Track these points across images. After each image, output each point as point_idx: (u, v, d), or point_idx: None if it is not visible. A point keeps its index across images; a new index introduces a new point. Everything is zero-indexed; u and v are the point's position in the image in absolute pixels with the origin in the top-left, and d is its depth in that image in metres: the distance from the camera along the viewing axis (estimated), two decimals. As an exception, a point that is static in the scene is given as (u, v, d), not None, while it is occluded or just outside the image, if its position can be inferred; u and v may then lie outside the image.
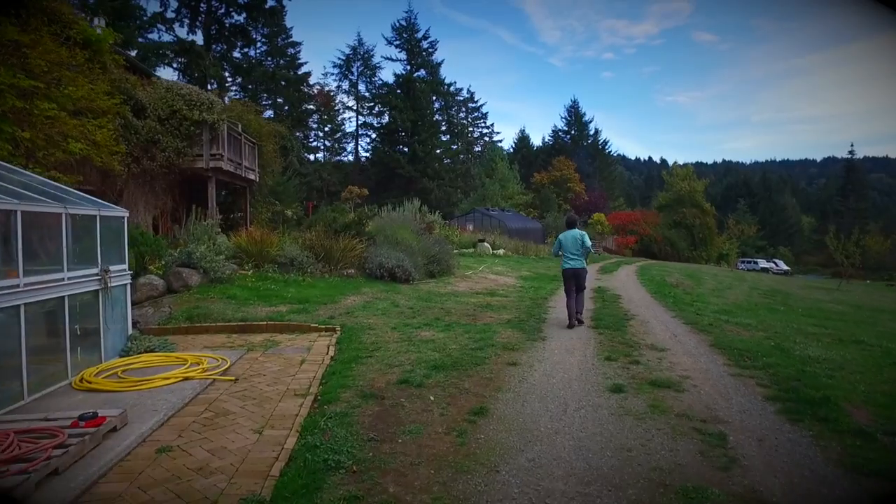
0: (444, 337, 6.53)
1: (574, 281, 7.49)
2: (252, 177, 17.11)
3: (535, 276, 15.34)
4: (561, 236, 7.82)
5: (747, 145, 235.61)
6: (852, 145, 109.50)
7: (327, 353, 5.92)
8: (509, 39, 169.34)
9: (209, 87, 39.58)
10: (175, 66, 38.59)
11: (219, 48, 43.29)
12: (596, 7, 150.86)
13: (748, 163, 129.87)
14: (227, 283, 9.29)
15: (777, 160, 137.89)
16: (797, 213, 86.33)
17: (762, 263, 47.06)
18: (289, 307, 8.18)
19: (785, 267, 48.78)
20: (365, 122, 55.89)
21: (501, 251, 20.87)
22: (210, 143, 13.68)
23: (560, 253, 7.70)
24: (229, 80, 45.50)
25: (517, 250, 22.53)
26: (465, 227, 31.09)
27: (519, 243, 23.93)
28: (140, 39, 35.49)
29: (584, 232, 7.72)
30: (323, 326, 7.22)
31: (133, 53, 33.58)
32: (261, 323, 7.24)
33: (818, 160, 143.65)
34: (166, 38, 37.84)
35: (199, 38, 39.62)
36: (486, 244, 20.42)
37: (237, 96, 48.67)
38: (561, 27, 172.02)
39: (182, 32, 37.63)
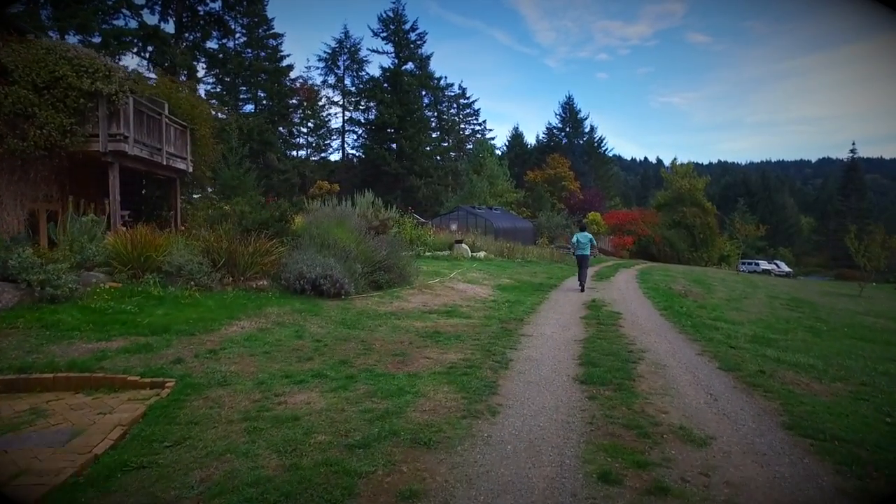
0: (323, 408, 3.81)
1: (582, 262, 12.28)
2: (182, 166, 14.38)
3: (517, 285, 12.65)
4: (577, 235, 12.71)
5: (742, 146, 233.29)
6: (854, 144, 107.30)
7: (91, 451, 3.21)
8: (504, 40, 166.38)
9: (181, 78, 36.99)
10: (144, 55, 35.78)
11: (191, 37, 40.67)
12: (590, 8, 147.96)
13: (744, 163, 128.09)
14: (67, 301, 6.55)
15: (772, 160, 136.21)
16: (796, 213, 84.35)
17: (763, 265, 44.64)
18: (128, 342, 5.45)
19: (787, 268, 46.39)
20: (351, 117, 53.25)
21: (482, 254, 18.17)
22: (108, 120, 10.92)
23: (575, 245, 12.56)
24: (202, 71, 42.87)
25: (501, 252, 19.83)
26: (449, 226, 28.43)
27: (505, 244, 21.25)
28: (104, 26, 32.74)
29: (590, 235, 12.86)
30: (147, 380, 4.49)
31: (97, 40, 30.93)
32: (47, 376, 4.50)
33: (813, 161, 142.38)
34: (134, 25, 35.03)
35: (171, 28, 36.98)
36: (463, 246, 17.72)
37: (213, 89, 46.07)
38: (555, 28, 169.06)
39: (153, 20, 34.69)
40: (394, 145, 48.55)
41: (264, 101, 47.81)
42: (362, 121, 51.89)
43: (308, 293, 8.17)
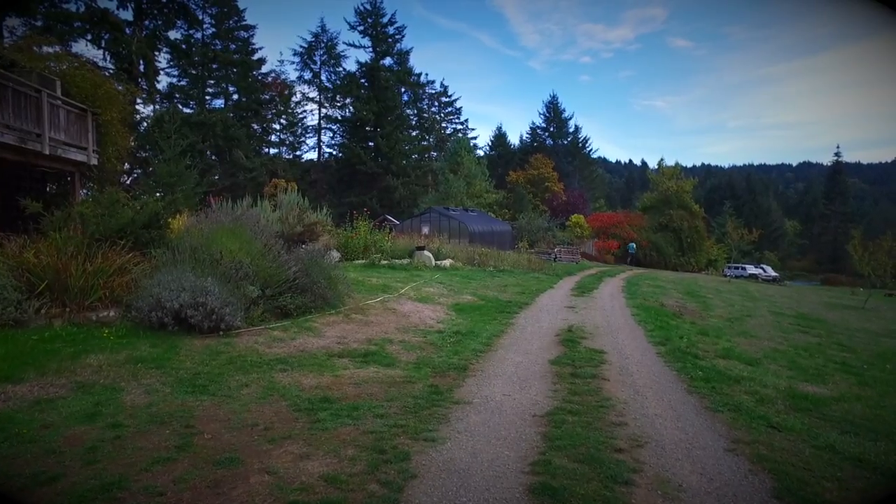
0: None
1: (630, 258, 34.66)
2: (80, 157, 11.91)
3: (479, 304, 10.40)
4: (630, 244, 36.13)
5: (724, 149, 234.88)
6: (838, 147, 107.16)
7: None
8: (489, 43, 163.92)
9: (140, 68, 34.14)
10: (100, 43, 32.86)
11: (152, 25, 37.84)
12: (573, 11, 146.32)
13: (726, 167, 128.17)
14: None
15: (755, 164, 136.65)
16: (780, 216, 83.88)
17: (750, 269, 43.11)
18: None
19: (773, 273, 44.92)
20: (328, 114, 50.65)
21: (448, 262, 15.91)
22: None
23: (628, 247, 35.01)
24: (164, 62, 40.10)
25: (471, 259, 17.58)
26: (420, 229, 26.13)
27: (477, 250, 19.02)
28: (53, 9, 29.83)
29: (634, 244, 36.21)
30: None
31: (37, 23, 27.97)
32: None
33: (794, 164, 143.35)
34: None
35: (130, 15, 34.16)
36: (426, 253, 15.43)
37: (178, 82, 43.17)
38: (539, 31, 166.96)
39: (111, 6, 31.82)
40: (370, 143, 46.24)
41: (234, 96, 45.17)
42: (339, 118, 49.46)
43: (170, 328, 5.81)
